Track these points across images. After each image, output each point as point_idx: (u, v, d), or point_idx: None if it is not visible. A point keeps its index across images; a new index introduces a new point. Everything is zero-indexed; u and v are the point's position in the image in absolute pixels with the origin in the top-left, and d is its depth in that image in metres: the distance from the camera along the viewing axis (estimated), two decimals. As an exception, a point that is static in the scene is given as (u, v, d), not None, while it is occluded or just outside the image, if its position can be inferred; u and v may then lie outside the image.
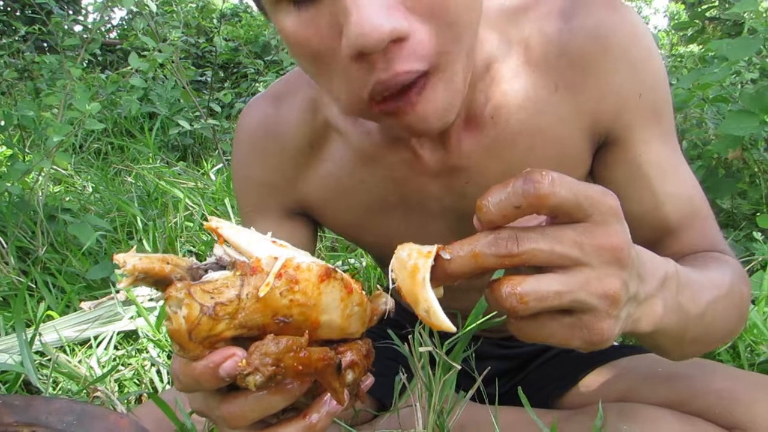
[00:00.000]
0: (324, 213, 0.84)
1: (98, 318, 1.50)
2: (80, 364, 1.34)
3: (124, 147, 3.66)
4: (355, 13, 0.49)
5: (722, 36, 3.50)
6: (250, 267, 0.45)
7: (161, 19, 3.65)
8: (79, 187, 2.77)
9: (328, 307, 0.46)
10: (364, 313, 0.49)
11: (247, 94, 4.84)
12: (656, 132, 0.74)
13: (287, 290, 0.44)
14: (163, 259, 0.46)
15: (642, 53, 0.71)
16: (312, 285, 0.45)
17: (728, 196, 2.19)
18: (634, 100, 0.72)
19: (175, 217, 2.12)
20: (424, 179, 0.76)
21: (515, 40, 0.71)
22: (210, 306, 0.43)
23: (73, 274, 1.82)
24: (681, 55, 4.60)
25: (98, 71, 4.92)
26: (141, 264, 0.45)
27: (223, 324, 0.43)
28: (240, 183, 0.85)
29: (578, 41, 0.70)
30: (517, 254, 0.42)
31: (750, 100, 1.78)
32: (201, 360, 0.44)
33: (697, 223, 0.76)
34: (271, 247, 0.47)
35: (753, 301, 1.34)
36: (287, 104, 0.80)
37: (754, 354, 1.14)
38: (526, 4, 0.73)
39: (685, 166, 0.77)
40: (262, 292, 0.43)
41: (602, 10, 0.70)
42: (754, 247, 1.78)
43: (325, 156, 0.80)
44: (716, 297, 0.62)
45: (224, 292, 0.44)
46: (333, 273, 0.46)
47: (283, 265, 0.44)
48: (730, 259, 0.73)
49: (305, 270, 0.45)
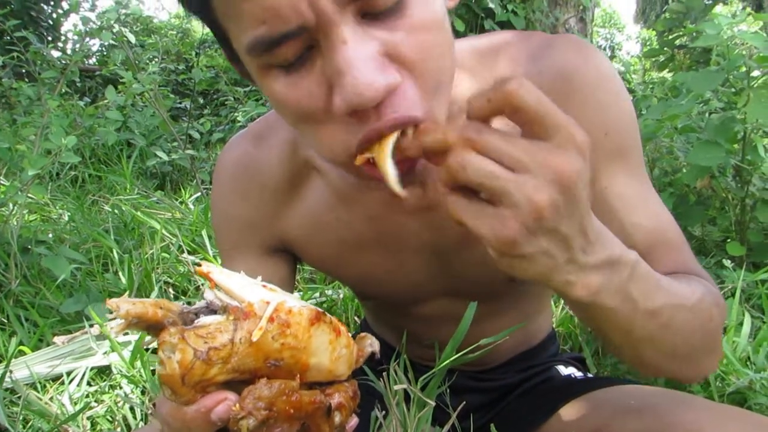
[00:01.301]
0: (303, 249, 0.85)
1: (71, 353, 1.48)
2: (51, 402, 1.32)
3: (102, 175, 3.64)
4: (350, 73, 0.51)
5: (691, 64, 3.58)
6: (242, 312, 0.46)
7: (140, 50, 3.65)
8: (54, 216, 2.74)
9: (317, 350, 0.47)
10: (350, 355, 0.50)
11: (227, 122, 4.85)
12: (622, 167, 0.75)
13: (279, 334, 0.45)
14: (156, 303, 0.47)
15: (607, 93, 0.73)
16: (303, 328, 0.46)
17: (699, 224, 2.24)
18: (600, 138, 0.74)
19: (151, 248, 2.11)
20: (402, 217, 0.77)
21: (487, 81, 0.73)
22: (203, 351, 0.44)
23: (47, 308, 1.80)
24: (653, 81, 4.70)
25: (76, 98, 4.90)
26: (134, 309, 0.45)
27: (216, 368, 0.44)
28: (220, 221, 0.85)
29: (546, 82, 0.71)
30: (475, 140, 0.47)
31: (715, 131, 1.82)
32: (192, 404, 0.44)
33: (668, 253, 0.77)
34: (261, 291, 0.48)
35: (723, 330, 1.36)
36: (267, 143, 0.81)
37: (725, 384, 1.16)
38: (496, 45, 0.75)
39: (654, 198, 0.78)
40: (255, 337, 0.44)
41: (569, 52, 0.73)
42: (723, 275, 1.81)
43: (304, 194, 0.81)
44: (676, 305, 0.62)
45: (217, 336, 0.44)
46: (323, 316, 0.47)
47: (275, 309, 0.45)
48: (707, 283, 0.74)
49: (296, 314, 0.46)
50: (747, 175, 2.00)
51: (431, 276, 0.83)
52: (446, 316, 0.88)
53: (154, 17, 7.93)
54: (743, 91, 1.87)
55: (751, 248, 2.04)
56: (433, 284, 0.84)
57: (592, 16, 4.85)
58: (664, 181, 2.38)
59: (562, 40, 0.74)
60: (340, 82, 0.51)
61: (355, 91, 0.50)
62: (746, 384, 1.11)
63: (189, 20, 8.44)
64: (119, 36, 2.68)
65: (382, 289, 0.86)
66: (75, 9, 3.16)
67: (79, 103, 4.40)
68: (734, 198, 2.13)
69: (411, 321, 0.92)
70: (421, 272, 0.82)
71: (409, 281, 0.83)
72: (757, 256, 2.01)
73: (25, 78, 4.98)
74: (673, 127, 2.16)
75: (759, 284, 1.71)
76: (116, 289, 1.92)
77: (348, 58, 0.51)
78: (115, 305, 0.45)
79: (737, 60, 1.81)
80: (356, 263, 0.83)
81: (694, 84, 1.82)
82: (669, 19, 3.63)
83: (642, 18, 21.39)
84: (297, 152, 0.80)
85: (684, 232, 0.76)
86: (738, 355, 1.25)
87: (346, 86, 0.51)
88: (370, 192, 0.76)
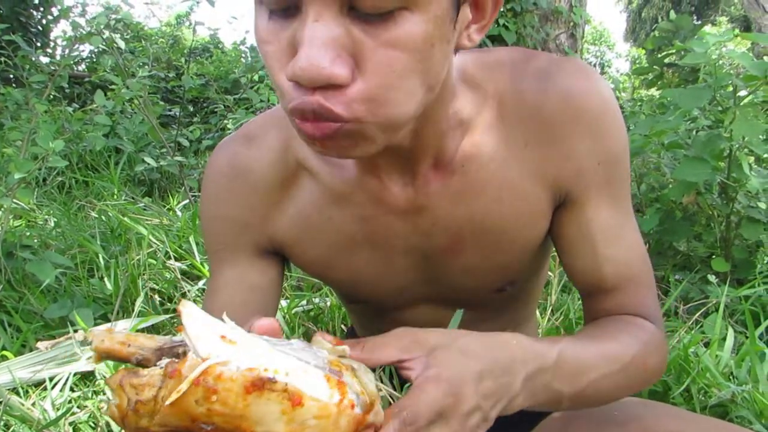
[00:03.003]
0: (294, 250, 0.84)
1: (54, 358, 1.47)
2: (33, 407, 1.31)
3: (89, 181, 3.62)
4: (306, 47, 0.52)
5: (680, 82, 3.63)
6: (171, 369, 0.44)
7: (130, 56, 3.65)
8: (40, 222, 2.72)
9: (262, 419, 0.44)
10: (332, 425, 0.45)
11: (216, 130, 4.84)
12: (609, 198, 0.77)
13: (203, 398, 0.43)
14: (125, 341, 0.47)
15: (608, 123, 0.74)
16: (235, 395, 0.43)
17: (684, 239, 2.26)
18: (594, 167, 0.75)
19: (138, 254, 2.10)
20: (391, 218, 0.77)
21: (490, 94, 0.74)
22: (132, 401, 0.44)
23: (31, 313, 1.78)
24: (641, 98, 4.75)
25: (65, 104, 4.87)
26: (102, 346, 0.47)
27: (145, 420, 0.44)
28: (210, 222, 0.84)
29: (551, 104, 0.72)
30: None
31: (702, 147, 1.85)
32: None
33: (632, 289, 0.78)
34: (218, 344, 0.45)
35: (706, 344, 1.38)
36: (258, 144, 0.81)
37: (707, 396, 1.17)
38: (504, 60, 0.76)
39: (633, 233, 0.80)
40: (168, 400, 0.43)
41: (576, 76, 0.73)
42: (708, 290, 1.83)
43: (295, 194, 0.81)
44: (603, 375, 0.68)
45: (145, 390, 0.44)
46: (268, 384, 0.43)
47: (203, 372, 0.43)
48: (647, 329, 0.76)
49: (227, 380, 0.43)
50: (732, 192, 2.02)
51: (419, 280, 0.83)
52: (433, 323, 0.87)
53: (144, 25, 7.91)
54: (730, 109, 1.90)
55: (736, 264, 2.07)
56: (420, 289, 0.84)
57: (583, 32, 4.90)
58: (651, 196, 2.40)
59: (570, 64, 0.75)
60: (298, 52, 0.53)
61: (301, 65, 0.52)
62: (728, 397, 1.12)
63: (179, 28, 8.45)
64: (109, 42, 2.68)
65: (371, 292, 0.86)
66: (65, 15, 3.16)
67: (67, 109, 4.38)
68: (720, 215, 2.15)
69: (397, 327, 0.92)
70: (409, 276, 0.82)
71: (397, 285, 0.83)
72: (741, 273, 2.03)
73: (13, 84, 4.95)
74: (660, 143, 2.19)
75: (742, 300, 1.72)
76: (101, 294, 1.91)
77: (311, 35, 0.52)
78: (91, 336, 0.47)
79: (725, 78, 1.83)
80: (346, 265, 0.83)
81: (681, 100, 1.84)
82: (658, 37, 3.68)
83: (632, 36, 21.65)
84: (288, 153, 0.80)
85: (669, 248, 0.77)
86: (721, 369, 1.26)
87: (299, 58, 0.53)
88: (361, 191, 0.77)
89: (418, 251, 0.80)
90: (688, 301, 1.87)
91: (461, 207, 0.75)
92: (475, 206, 0.75)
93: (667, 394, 1.21)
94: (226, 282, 0.82)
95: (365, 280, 0.84)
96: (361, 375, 0.51)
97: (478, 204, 0.75)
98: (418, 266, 0.82)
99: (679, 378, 1.23)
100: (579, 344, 0.68)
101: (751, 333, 1.29)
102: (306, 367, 0.46)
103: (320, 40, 0.52)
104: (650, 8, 20.28)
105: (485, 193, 0.75)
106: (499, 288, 0.85)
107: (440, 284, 0.84)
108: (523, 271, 0.85)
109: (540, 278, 0.97)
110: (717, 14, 19.11)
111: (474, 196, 0.75)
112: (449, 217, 0.76)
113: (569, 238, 0.78)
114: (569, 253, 0.79)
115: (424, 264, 0.81)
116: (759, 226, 1.97)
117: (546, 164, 0.75)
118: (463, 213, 0.76)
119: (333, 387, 0.46)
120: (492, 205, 0.75)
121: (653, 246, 2.28)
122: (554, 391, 0.62)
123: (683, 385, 1.18)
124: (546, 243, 0.84)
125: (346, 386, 0.47)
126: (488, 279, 0.83)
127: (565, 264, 0.81)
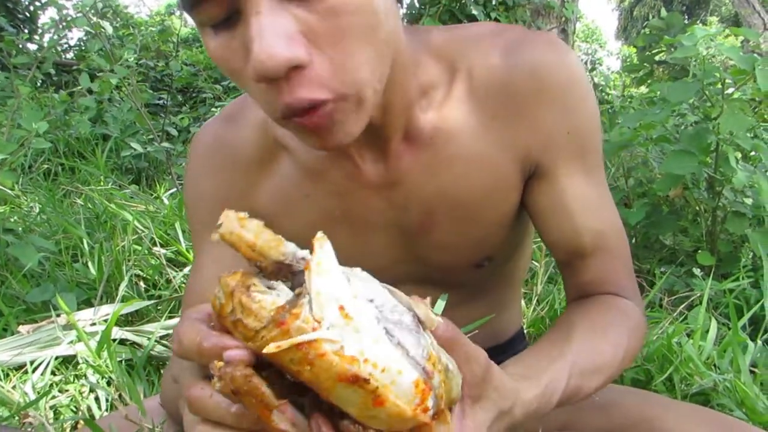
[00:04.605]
0: (273, 228, 0.85)
1: (36, 342, 1.45)
2: (14, 390, 1.29)
3: (75, 168, 3.58)
4: (257, 41, 0.53)
5: (670, 79, 3.64)
6: (281, 318, 0.42)
7: (118, 42, 3.61)
8: (25, 208, 2.69)
9: (341, 397, 0.43)
10: (399, 423, 0.45)
11: (204, 119, 4.81)
12: (581, 168, 0.78)
13: (298, 362, 0.42)
14: (253, 243, 0.46)
15: (576, 95, 0.75)
16: (327, 376, 0.42)
17: (670, 233, 2.27)
18: (563, 137, 0.76)
19: (123, 240, 2.08)
20: (366, 192, 0.78)
21: (460, 68, 0.75)
22: (234, 317, 0.44)
23: (13, 297, 1.76)
24: (632, 96, 4.77)
25: (52, 91, 4.81)
26: (229, 237, 0.45)
27: (239, 335, 0.44)
28: (192, 200, 0.85)
29: (518, 77, 0.73)
30: None
31: (689, 141, 1.86)
32: (214, 336, 0.45)
33: (608, 259, 0.79)
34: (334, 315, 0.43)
35: (688, 335, 1.38)
36: (238, 123, 0.82)
37: (689, 386, 1.17)
38: (473, 35, 0.76)
39: (609, 202, 0.81)
40: (265, 349, 0.42)
41: (545, 49, 0.74)
42: (693, 283, 1.84)
43: (274, 171, 0.81)
44: (596, 385, 0.69)
45: (250, 318, 0.43)
46: (361, 382, 0.42)
47: (309, 343, 0.41)
48: (630, 314, 0.77)
49: (327, 362, 0.41)
50: (719, 186, 2.04)
51: (396, 258, 0.83)
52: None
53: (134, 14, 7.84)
54: (717, 103, 1.90)
55: (721, 258, 2.08)
56: (401, 268, 0.84)
57: (574, 28, 4.91)
58: (638, 191, 2.41)
59: (539, 37, 0.76)
60: (251, 50, 0.54)
61: (258, 58, 0.53)
62: (710, 385, 1.13)
63: (169, 17, 8.38)
64: (96, 26, 2.65)
65: None
66: (53, 2, 3.12)
67: (54, 96, 4.33)
68: (706, 209, 2.16)
69: None
70: (390, 254, 0.83)
71: (378, 264, 0.83)
72: (726, 267, 2.04)
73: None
74: (648, 137, 2.19)
75: (726, 293, 1.73)
76: (85, 279, 1.89)
77: (258, 28, 0.53)
78: (224, 217, 0.45)
79: (713, 71, 1.84)
80: None
81: (670, 94, 1.85)
82: (649, 35, 3.68)
83: (623, 35, 21.74)
84: (267, 131, 0.80)
85: (656, 241, 0.77)
86: (703, 359, 1.26)
87: (252, 54, 0.53)
88: (335, 167, 0.77)
89: (395, 228, 0.81)
90: (673, 293, 1.88)
91: (432, 180, 0.76)
92: (446, 179, 0.76)
93: (649, 383, 1.21)
94: (207, 261, 0.82)
95: (345, 259, 0.84)
96: (450, 378, 0.50)
97: (448, 177, 0.76)
98: (396, 243, 0.82)
99: (662, 367, 1.23)
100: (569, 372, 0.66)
101: (734, 323, 1.30)
102: (403, 365, 0.44)
103: (268, 29, 0.53)
104: (642, 7, 20.38)
105: (454, 166, 0.76)
106: (477, 263, 0.85)
107: (419, 262, 0.84)
108: (499, 247, 0.86)
109: (521, 257, 0.97)
110: (707, 13, 19.23)
111: (443, 169, 0.76)
112: (421, 191, 0.77)
113: (544, 209, 0.79)
114: (545, 224, 0.80)
115: (402, 241, 0.82)
116: (744, 220, 1.98)
117: (514, 136, 0.75)
118: (434, 186, 0.77)
119: (418, 393, 0.44)
120: (461, 178, 0.76)
121: (640, 239, 2.29)
122: (544, 411, 0.63)
123: (666, 374, 1.19)
124: (522, 218, 0.85)
125: (431, 392, 0.45)
126: (465, 254, 0.84)
127: (543, 236, 0.82)
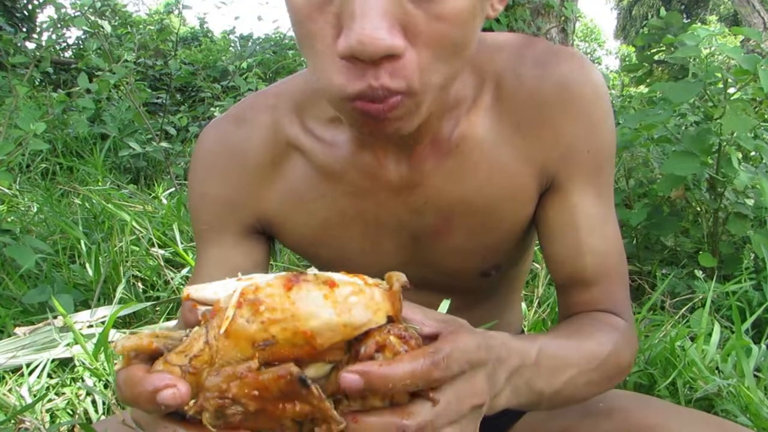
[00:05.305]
0: (282, 229, 0.84)
1: (33, 344, 1.44)
2: (10, 393, 1.28)
3: (73, 168, 3.56)
4: (360, 20, 0.52)
5: (669, 79, 3.63)
6: (210, 312, 0.44)
7: (116, 41, 3.59)
8: (23, 208, 2.68)
9: (311, 312, 0.43)
10: (369, 299, 0.46)
11: (203, 118, 4.79)
12: (594, 187, 0.78)
13: (252, 314, 0.43)
14: (152, 334, 0.46)
15: (599, 113, 0.76)
16: (279, 297, 0.43)
17: (672, 234, 2.26)
18: (582, 153, 0.76)
19: (121, 240, 2.07)
20: (384, 194, 0.77)
21: (489, 76, 0.75)
22: (186, 363, 0.43)
23: (9, 298, 1.75)
24: (631, 95, 4.76)
25: (50, 90, 4.80)
26: (129, 343, 0.45)
27: (206, 373, 0.43)
28: (197, 201, 0.84)
29: (547, 88, 0.74)
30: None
31: (691, 142, 1.84)
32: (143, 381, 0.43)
33: (607, 283, 0.79)
34: (236, 284, 0.46)
35: (692, 339, 1.37)
36: (248, 124, 0.81)
37: (693, 390, 1.16)
38: (503, 44, 0.77)
39: (614, 226, 0.81)
40: (222, 328, 0.43)
41: (574, 64, 0.75)
42: (695, 285, 1.83)
43: (286, 173, 0.81)
44: (580, 372, 0.68)
45: (194, 345, 0.44)
46: (301, 276, 0.44)
47: (242, 293, 0.43)
48: (620, 327, 0.77)
49: (264, 287, 0.43)
50: (720, 187, 2.02)
51: (405, 261, 0.82)
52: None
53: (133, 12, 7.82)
54: (720, 103, 1.89)
55: (722, 260, 2.07)
56: (405, 271, 0.83)
57: (574, 27, 4.90)
58: (639, 191, 2.40)
59: (567, 52, 0.76)
60: (349, 25, 0.52)
61: (359, 38, 0.52)
62: (714, 390, 1.12)
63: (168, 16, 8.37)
64: (94, 25, 2.63)
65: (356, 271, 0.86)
66: (51, 0, 3.10)
67: (52, 95, 4.31)
68: (707, 210, 2.15)
69: None
70: (397, 257, 0.82)
71: (382, 264, 0.83)
72: (728, 268, 2.03)
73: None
74: (649, 138, 2.18)
75: (729, 295, 1.72)
76: (82, 280, 1.88)
77: (365, 6, 0.52)
78: (116, 344, 0.46)
79: (715, 71, 1.83)
80: (334, 242, 0.83)
81: (671, 93, 1.84)
82: (648, 34, 3.68)
83: (622, 34, 21.74)
84: (278, 133, 0.79)
85: (657, 243, 0.77)
86: (706, 363, 1.26)
87: (353, 31, 0.52)
88: (354, 168, 0.77)
89: (407, 231, 0.80)
90: (674, 295, 1.87)
91: (453, 186, 0.76)
92: (468, 186, 0.76)
93: (652, 388, 1.20)
94: (211, 263, 0.82)
95: (352, 260, 0.83)
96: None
97: (470, 184, 0.76)
98: (406, 246, 0.82)
99: (665, 371, 1.22)
100: (557, 342, 0.68)
101: (738, 328, 1.29)
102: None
103: (375, 10, 0.52)
104: (641, 6, 20.36)
105: (477, 173, 0.76)
106: (484, 272, 0.85)
107: (427, 267, 0.83)
108: (508, 256, 0.86)
109: (524, 267, 0.98)
110: (706, 12, 19.23)
111: (466, 176, 0.76)
112: (440, 196, 0.77)
113: (553, 223, 0.79)
114: (552, 238, 0.79)
115: (412, 244, 0.81)
116: (746, 221, 1.98)
117: (536, 147, 0.76)
118: (454, 192, 0.77)
119: (352, 276, 0.47)
120: (483, 186, 0.76)
121: (641, 240, 2.27)
122: (534, 390, 0.61)
123: (669, 379, 1.18)
124: (530, 230, 0.85)
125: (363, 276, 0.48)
126: (474, 261, 0.84)
127: (546, 252, 0.82)
